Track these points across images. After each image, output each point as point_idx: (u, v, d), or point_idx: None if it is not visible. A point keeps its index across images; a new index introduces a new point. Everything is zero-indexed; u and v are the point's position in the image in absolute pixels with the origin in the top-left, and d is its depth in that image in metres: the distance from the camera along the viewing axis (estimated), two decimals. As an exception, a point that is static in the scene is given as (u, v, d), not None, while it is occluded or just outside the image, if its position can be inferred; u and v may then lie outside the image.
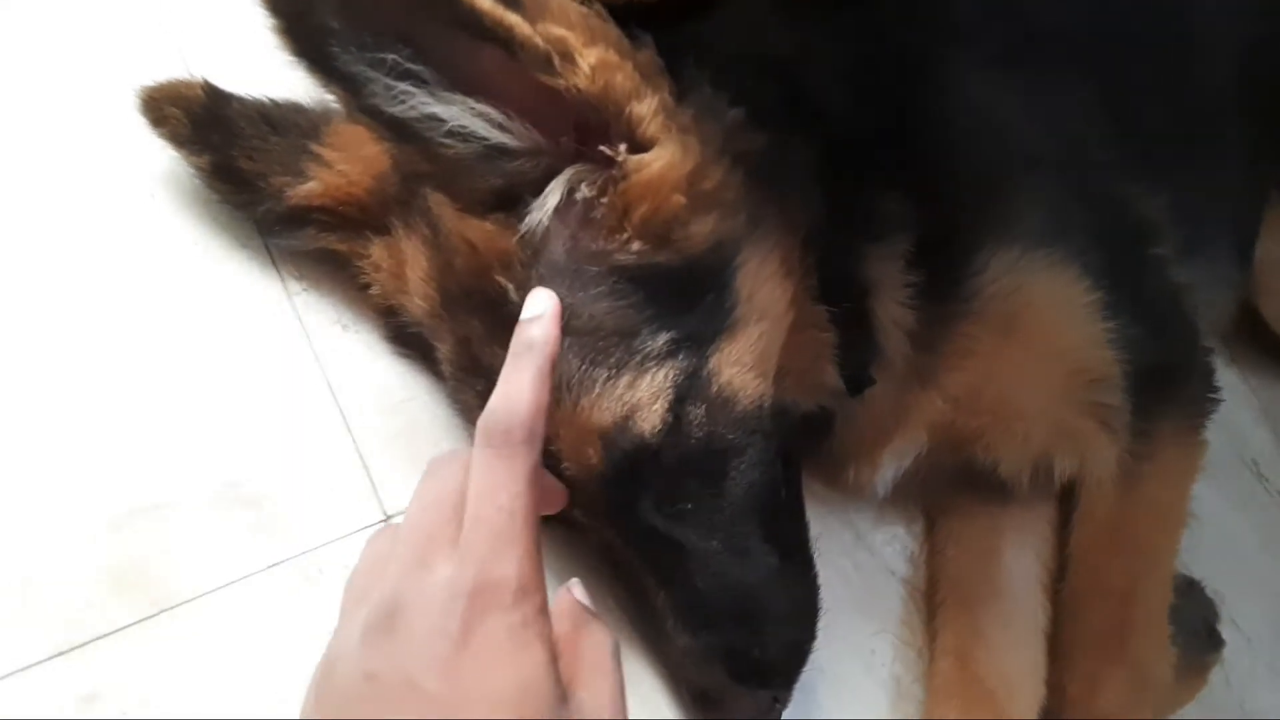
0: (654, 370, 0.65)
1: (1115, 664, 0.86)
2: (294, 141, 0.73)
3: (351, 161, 0.72)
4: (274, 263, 0.78)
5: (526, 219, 0.63)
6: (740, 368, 0.68)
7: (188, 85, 0.75)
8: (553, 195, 0.63)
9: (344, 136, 0.73)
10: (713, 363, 0.67)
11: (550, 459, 0.65)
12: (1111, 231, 0.87)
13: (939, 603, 0.92)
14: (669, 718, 0.73)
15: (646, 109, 0.62)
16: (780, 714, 0.73)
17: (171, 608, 0.64)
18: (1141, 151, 0.97)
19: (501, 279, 0.64)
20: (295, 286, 0.78)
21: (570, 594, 0.59)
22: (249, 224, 0.77)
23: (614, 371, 0.64)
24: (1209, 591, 1.03)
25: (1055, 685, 0.88)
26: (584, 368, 0.64)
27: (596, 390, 0.64)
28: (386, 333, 0.78)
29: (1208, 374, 0.94)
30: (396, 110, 0.60)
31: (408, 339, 0.76)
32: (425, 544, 0.51)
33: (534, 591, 0.50)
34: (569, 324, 0.63)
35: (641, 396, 0.64)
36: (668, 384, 0.65)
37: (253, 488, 0.70)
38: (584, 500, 0.67)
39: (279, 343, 0.76)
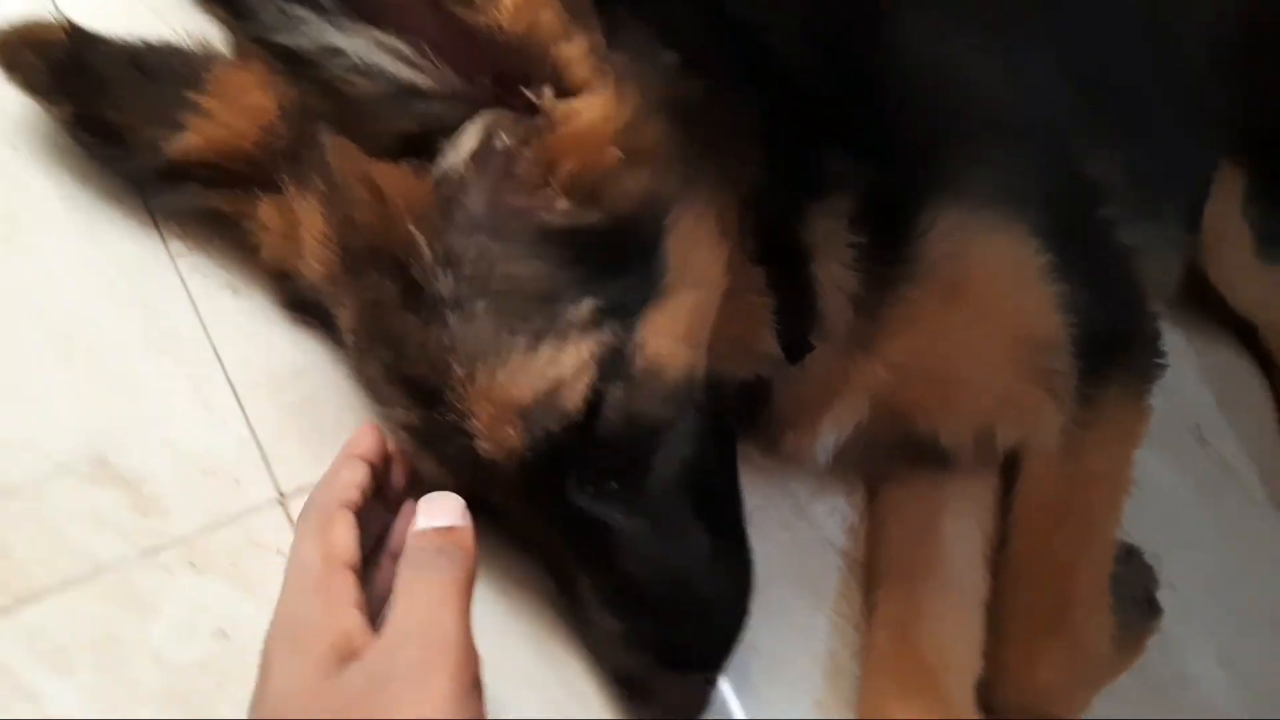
0: (577, 341, 0.60)
1: (1054, 636, 0.85)
2: (170, 90, 0.66)
3: (235, 112, 0.65)
4: (154, 222, 0.71)
5: (440, 164, 0.58)
6: (669, 338, 0.64)
7: (48, 27, 0.67)
8: (468, 140, 0.58)
9: (227, 83, 0.66)
10: (639, 334, 0.62)
11: (464, 438, 0.60)
12: (1061, 193, 0.84)
13: (879, 575, 0.89)
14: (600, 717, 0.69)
15: (575, 50, 0.57)
16: (709, 695, 0.70)
17: (33, 599, 0.58)
18: (1099, 112, 0.94)
19: (414, 228, 0.58)
20: (179, 247, 0.71)
21: None
22: (126, 180, 0.70)
23: (534, 340, 0.58)
24: (1148, 558, 1.02)
25: (993, 657, 0.87)
26: (502, 334, 0.58)
27: (515, 360, 0.58)
28: (281, 298, 0.71)
29: (1154, 339, 0.92)
30: (291, 40, 0.53)
31: (305, 305, 0.69)
32: None
33: None
34: (486, 284, 0.58)
35: (564, 371, 0.59)
36: (591, 357, 0.60)
37: (128, 465, 0.63)
38: (502, 483, 0.62)
39: (161, 308, 0.69)
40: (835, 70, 0.75)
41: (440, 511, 0.58)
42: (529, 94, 0.57)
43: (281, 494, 0.67)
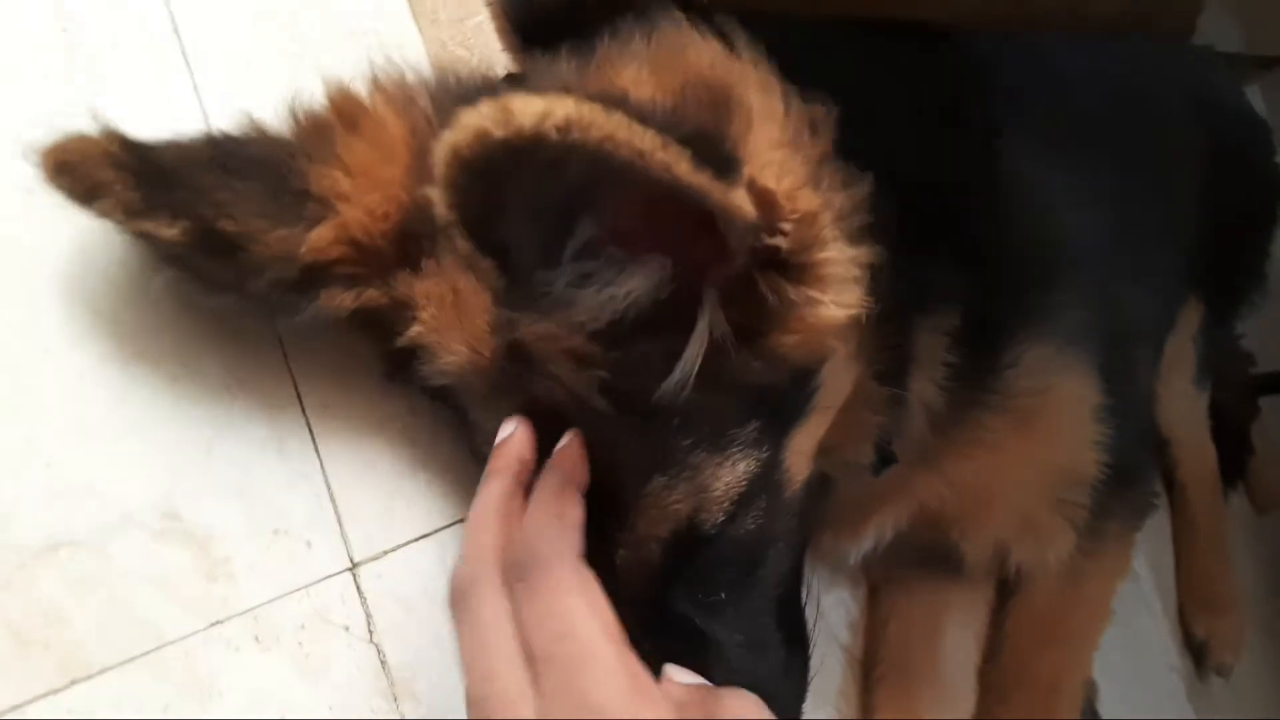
0: (737, 459, 0.57)
1: (1035, 751, 0.88)
2: (267, 184, 0.53)
3: (372, 188, 0.55)
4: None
5: (674, 374, 0.52)
6: (801, 455, 0.62)
7: (89, 141, 0.51)
8: (696, 345, 0.52)
9: (356, 154, 0.55)
10: (784, 451, 0.60)
11: (605, 545, 0.56)
12: (1115, 332, 0.87)
13: (878, 678, 0.91)
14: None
15: (838, 256, 0.52)
16: None
17: (87, 678, 0.49)
18: (1130, 255, 0.97)
19: None
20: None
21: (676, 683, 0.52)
22: (248, 304, 0.56)
23: (709, 455, 0.56)
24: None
25: (974, 766, 0.89)
26: (692, 450, 0.56)
27: (700, 473, 0.56)
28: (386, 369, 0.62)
29: (1152, 479, 0.97)
30: (584, 314, 0.50)
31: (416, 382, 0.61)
32: None
33: None
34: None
35: (719, 486, 0.57)
36: (746, 474, 0.58)
37: (199, 521, 0.55)
38: (616, 586, 0.58)
39: (244, 343, 0.59)
40: (949, 181, 0.74)
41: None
42: (764, 285, 0.51)
43: (354, 563, 0.60)
